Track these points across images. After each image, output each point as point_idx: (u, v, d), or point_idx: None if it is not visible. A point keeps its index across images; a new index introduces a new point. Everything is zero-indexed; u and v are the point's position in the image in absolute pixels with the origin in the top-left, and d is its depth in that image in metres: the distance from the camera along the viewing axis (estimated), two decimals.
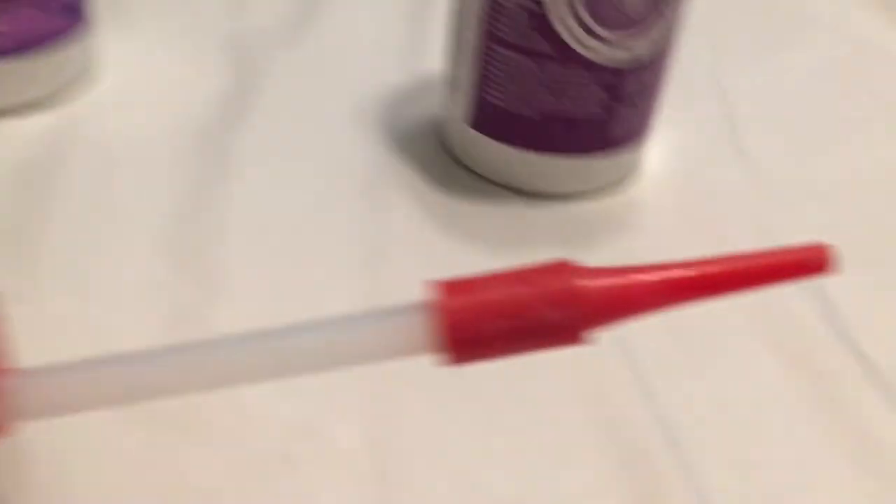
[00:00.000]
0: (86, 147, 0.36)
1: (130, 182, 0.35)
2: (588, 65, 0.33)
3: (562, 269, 0.18)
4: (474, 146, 0.36)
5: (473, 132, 0.36)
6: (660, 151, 0.39)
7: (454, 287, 0.18)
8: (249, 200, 0.35)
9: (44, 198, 0.33)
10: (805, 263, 0.17)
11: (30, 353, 0.20)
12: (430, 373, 0.19)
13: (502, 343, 0.18)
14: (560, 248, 0.34)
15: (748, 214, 0.37)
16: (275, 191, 0.35)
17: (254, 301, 0.30)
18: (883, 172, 0.40)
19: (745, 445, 0.27)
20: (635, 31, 0.32)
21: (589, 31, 0.32)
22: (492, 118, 0.35)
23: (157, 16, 0.45)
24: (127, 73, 0.40)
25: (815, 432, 0.28)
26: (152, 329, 0.29)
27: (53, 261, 0.31)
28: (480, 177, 0.37)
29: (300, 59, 0.43)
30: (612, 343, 0.29)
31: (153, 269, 0.31)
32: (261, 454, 0.25)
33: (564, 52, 0.32)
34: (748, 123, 0.42)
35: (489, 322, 0.17)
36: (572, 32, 0.32)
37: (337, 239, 0.33)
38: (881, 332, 0.31)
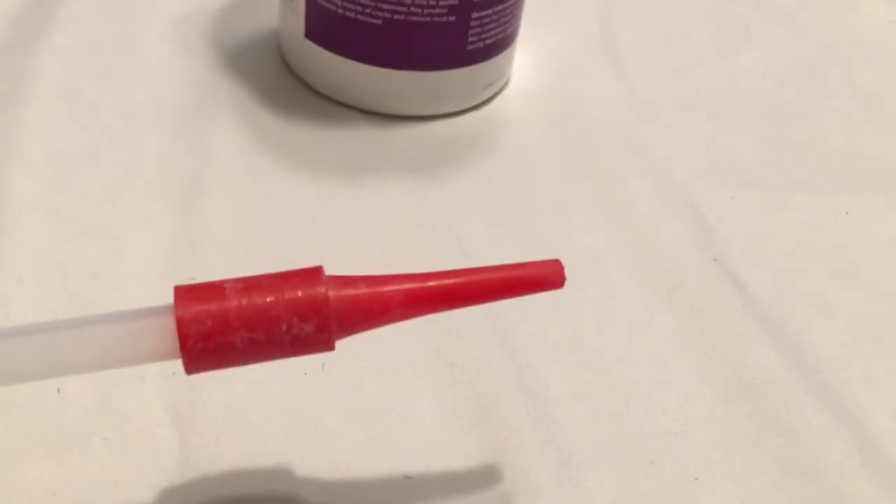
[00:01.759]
0: None
1: None
2: None
3: (314, 278, 0.17)
4: (314, 60, 0.32)
5: (311, 44, 0.31)
6: (527, 60, 0.35)
7: (196, 294, 0.17)
8: (47, 131, 0.29)
9: None
10: (542, 280, 0.18)
11: None
12: None
13: (247, 352, 0.17)
14: (411, 173, 0.30)
15: (618, 129, 0.33)
16: (80, 118, 0.30)
17: (52, 245, 0.25)
18: (759, 83, 0.37)
19: (611, 384, 0.24)
20: None
21: None
22: (328, 26, 0.30)
23: None
24: None
25: (688, 365, 0.25)
26: None
27: None
28: (323, 96, 0.32)
29: None
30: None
31: None
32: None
33: None
34: (623, 27, 0.39)
35: (231, 336, 0.16)
36: None
37: (149, 172, 0.29)
38: (755, 253, 0.29)
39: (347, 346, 0.18)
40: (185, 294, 0.16)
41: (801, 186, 0.32)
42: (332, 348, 0.17)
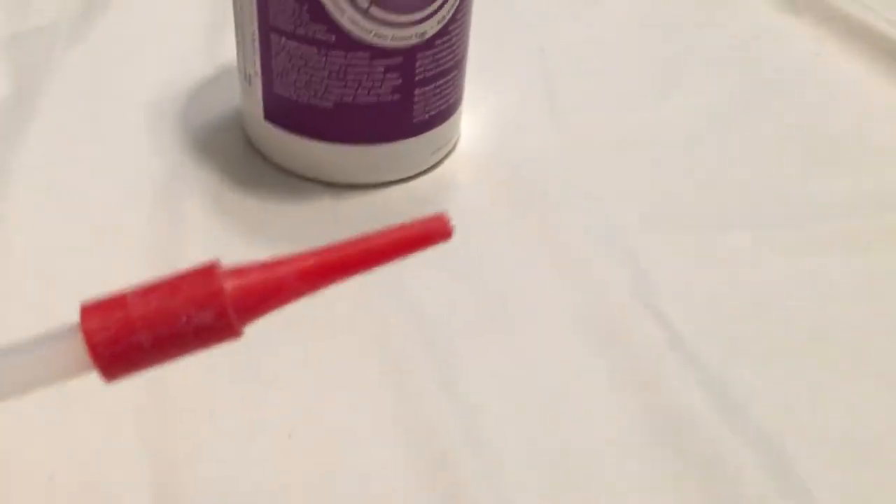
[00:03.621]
0: None
1: None
2: (373, 50, 0.31)
3: (208, 272, 0.18)
4: (273, 139, 0.34)
5: (269, 125, 0.34)
6: (473, 120, 0.38)
7: (96, 307, 0.18)
8: (28, 222, 0.32)
9: None
10: (429, 234, 0.18)
11: None
12: None
13: (159, 351, 0.18)
14: None
15: (560, 181, 0.36)
16: (57, 217, 0.33)
17: None
18: (693, 123, 0.40)
19: (542, 422, 0.27)
20: (417, 9, 0.31)
21: (367, 16, 0.30)
22: (284, 110, 0.33)
23: None
24: None
25: (616, 410, 0.27)
26: None
27: None
28: (285, 170, 0.35)
29: (88, 57, 0.40)
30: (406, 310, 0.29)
31: None
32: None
33: (345, 39, 0.31)
34: (566, 77, 0.42)
35: (136, 336, 0.18)
36: (350, 18, 0.30)
37: (129, 262, 0.31)
38: (684, 295, 0.31)
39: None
40: (89, 308, 0.18)
41: (728, 225, 0.34)
42: (238, 334, 0.18)
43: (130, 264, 0.31)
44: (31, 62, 0.39)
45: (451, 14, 0.32)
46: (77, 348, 0.18)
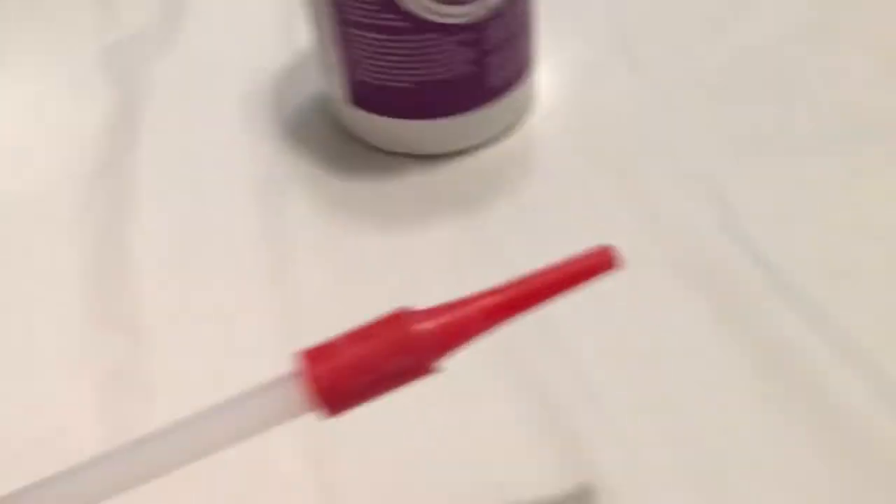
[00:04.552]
0: None
1: (30, 246, 0.35)
2: (444, 29, 0.32)
3: (400, 319, 0.20)
4: (360, 122, 0.36)
5: (355, 109, 0.36)
6: (550, 78, 0.39)
7: (316, 355, 0.21)
8: (154, 230, 0.35)
9: None
10: (596, 267, 0.20)
11: None
12: None
13: (367, 391, 0.21)
14: (460, 206, 0.34)
15: (639, 127, 0.37)
16: (177, 212, 0.36)
17: (182, 342, 0.31)
18: (768, 60, 0.40)
19: (650, 372, 0.28)
20: None
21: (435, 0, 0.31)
22: (368, 94, 0.35)
23: (25, 48, 0.44)
24: (4, 122, 0.40)
25: (720, 348, 0.29)
26: (87, 387, 0.29)
27: None
28: (373, 148, 0.37)
29: (176, 61, 0.43)
30: None
31: (71, 337, 0.31)
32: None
33: (416, 23, 0.32)
34: (636, 29, 0.42)
35: (352, 379, 0.20)
36: (417, 2, 0.31)
37: (245, 246, 0.34)
38: (776, 226, 0.32)
39: None
40: (307, 357, 0.21)
41: (814, 150, 0.35)
42: (435, 372, 0.20)
43: (249, 247, 0.34)
44: (128, 70, 0.42)
45: None
46: (295, 394, 0.20)
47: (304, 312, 0.31)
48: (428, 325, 0.20)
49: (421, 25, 0.32)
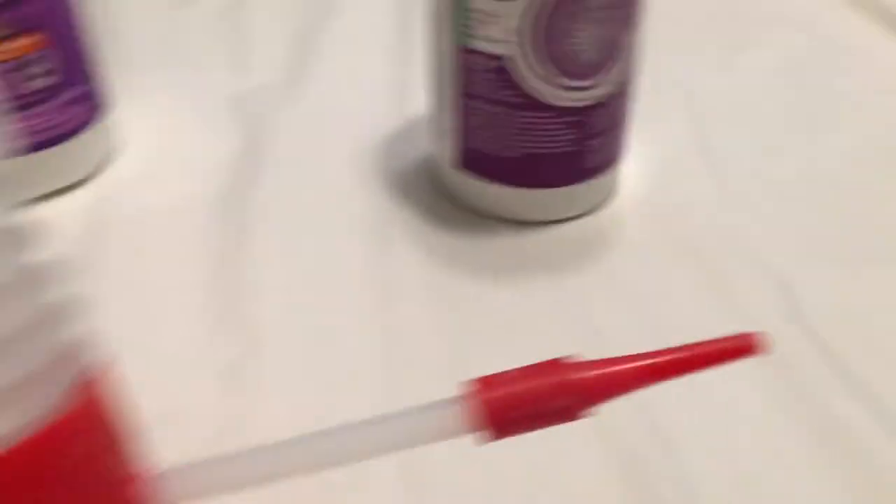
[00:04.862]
0: (115, 225, 0.40)
1: (161, 253, 0.39)
2: (554, 109, 0.36)
3: (562, 365, 0.23)
4: (463, 185, 0.40)
5: (461, 173, 0.40)
6: (634, 167, 0.43)
7: (486, 383, 0.23)
8: (270, 255, 0.39)
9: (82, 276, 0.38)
10: (740, 349, 0.22)
11: None
12: None
13: (524, 424, 0.23)
14: (549, 270, 0.38)
15: (717, 222, 0.40)
16: (290, 243, 0.39)
17: (291, 351, 0.34)
18: (848, 166, 0.43)
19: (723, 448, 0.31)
20: (594, 77, 0.36)
21: (550, 82, 0.36)
22: (476, 160, 0.39)
23: (167, 85, 0.49)
24: (146, 146, 0.45)
25: (782, 423, 0.32)
26: (207, 376, 0.33)
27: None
28: (471, 210, 0.41)
29: (298, 113, 0.47)
30: None
31: (195, 333, 0.35)
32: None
33: (531, 101, 0.36)
34: (716, 125, 0.46)
35: (514, 410, 0.23)
36: (536, 84, 0.36)
37: (352, 283, 0.38)
38: (842, 323, 0.35)
39: None
40: (478, 384, 0.23)
41: (878, 260, 0.38)
42: (578, 418, 0.23)
43: (354, 280, 0.37)
44: (254, 115, 0.47)
45: (620, 79, 0.37)
46: (462, 416, 0.23)
47: (404, 341, 0.35)
48: (586, 374, 0.22)
49: (536, 104, 0.36)
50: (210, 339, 0.35)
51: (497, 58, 0.35)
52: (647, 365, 0.22)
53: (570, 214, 0.40)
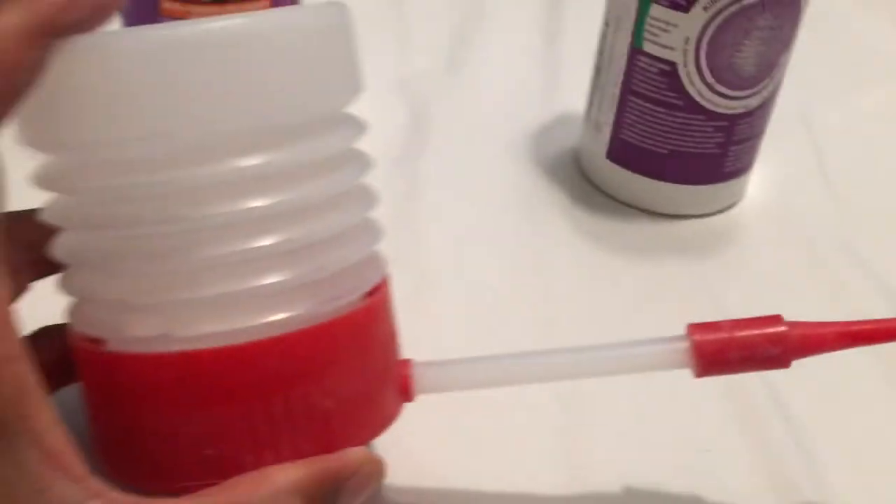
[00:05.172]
0: None
1: None
2: (708, 114, 0.41)
3: (776, 320, 0.27)
4: (611, 175, 0.45)
5: (612, 164, 0.45)
6: (759, 178, 0.48)
7: (705, 327, 0.27)
8: (436, 215, 0.44)
9: None
10: None
11: None
12: None
13: (735, 365, 0.27)
14: (679, 258, 0.43)
15: (831, 233, 0.45)
16: (454, 207, 0.45)
17: (457, 293, 0.40)
18: None
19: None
20: (748, 88, 0.41)
21: (711, 89, 0.41)
22: (628, 153, 0.44)
23: None
24: None
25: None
26: None
27: None
28: (613, 199, 0.46)
29: (457, 98, 0.53)
30: None
31: None
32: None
33: (690, 104, 0.41)
34: (832, 152, 0.51)
35: (727, 353, 0.27)
36: (698, 89, 0.41)
37: (507, 246, 0.43)
38: None
39: None
40: (696, 328, 0.27)
41: None
42: (788, 366, 0.26)
43: (508, 252, 0.42)
44: (419, 95, 0.52)
45: (768, 92, 0.42)
46: (682, 352, 0.27)
47: (550, 300, 0.40)
48: (799, 329, 0.26)
49: (693, 107, 0.41)
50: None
51: (666, 62, 0.40)
52: (850, 330, 0.27)
53: (704, 211, 0.45)
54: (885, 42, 0.63)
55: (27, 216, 0.25)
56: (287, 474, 0.23)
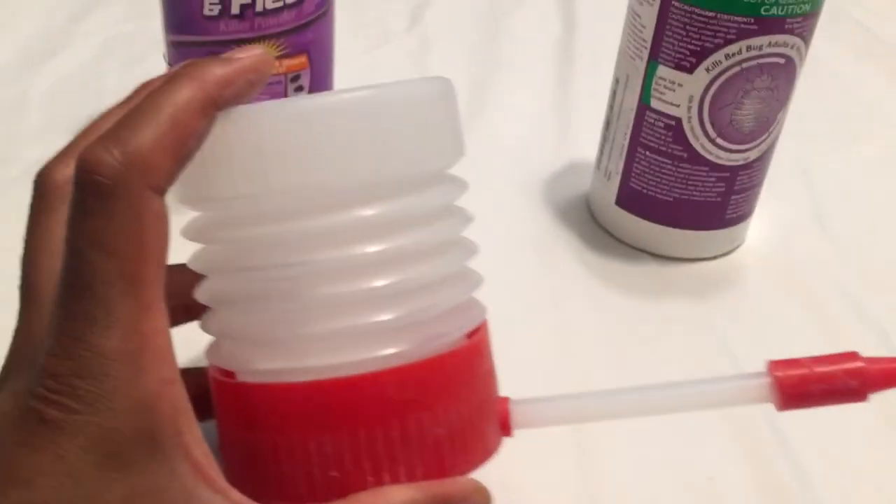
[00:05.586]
0: None
1: None
2: (711, 165, 0.45)
3: (853, 356, 0.28)
4: (620, 220, 0.49)
5: (621, 210, 0.48)
6: (759, 224, 0.51)
7: (785, 364, 0.28)
8: None
9: None
10: None
11: None
12: None
13: (815, 399, 0.28)
14: (684, 299, 0.46)
15: (828, 278, 0.48)
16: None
17: None
18: None
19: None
20: (748, 143, 0.44)
21: (713, 143, 0.44)
22: (635, 200, 0.47)
23: None
24: None
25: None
26: None
27: None
28: (622, 242, 0.49)
29: (473, 142, 0.56)
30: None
31: None
32: None
33: (694, 156, 0.44)
34: (828, 200, 0.54)
35: (807, 385, 0.28)
36: (701, 143, 0.44)
37: (522, 285, 0.46)
38: None
39: None
40: (777, 364, 0.28)
41: None
42: (865, 400, 0.27)
43: (523, 292, 0.45)
44: None
45: (766, 146, 0.45)
46: (764, 387, 0.28)
47: (563, 333, 0.43)
48: (875, 365, 0.27)
49: (696, 159, 0.44)
50: None
51: (672, 118, 0.44)
52: None
53: (706, 255, 0.48)
54: (879, 95, 0.66)
55: (172, 268, 0.28)
56: (403, 494, 0.25)
